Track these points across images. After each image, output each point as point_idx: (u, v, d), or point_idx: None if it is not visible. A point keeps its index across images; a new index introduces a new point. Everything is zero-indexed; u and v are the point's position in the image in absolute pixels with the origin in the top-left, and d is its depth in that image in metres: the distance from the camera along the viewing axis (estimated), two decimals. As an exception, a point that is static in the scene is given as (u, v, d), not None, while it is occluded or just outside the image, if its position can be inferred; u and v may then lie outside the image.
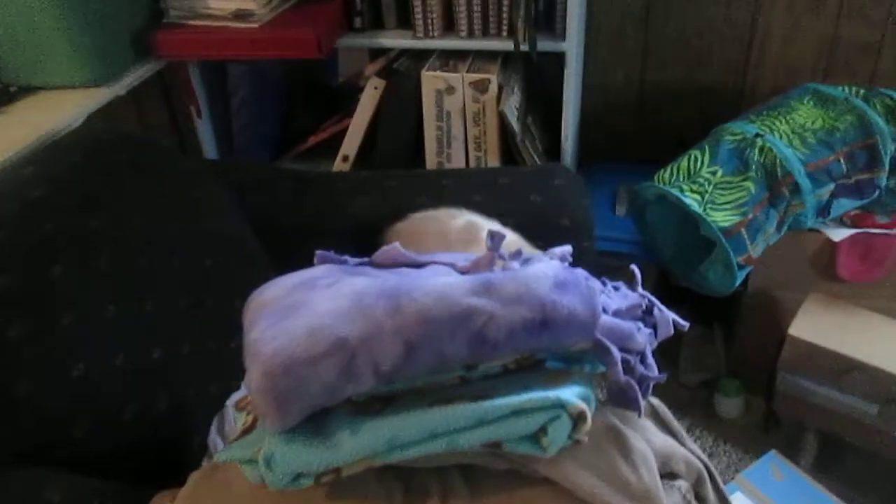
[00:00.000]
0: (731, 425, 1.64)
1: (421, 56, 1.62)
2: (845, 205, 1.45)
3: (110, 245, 1.00)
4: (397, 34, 1.59)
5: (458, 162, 1.64)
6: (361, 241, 1.35)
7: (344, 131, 1.72)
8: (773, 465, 1.37)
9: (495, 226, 1.16)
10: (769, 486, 1.33)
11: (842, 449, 1.48)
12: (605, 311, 0.79)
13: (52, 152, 1.09)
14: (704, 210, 1.37)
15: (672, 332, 0.94)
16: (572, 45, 1.50)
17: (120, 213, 1.05)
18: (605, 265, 1.56)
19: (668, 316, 0.92)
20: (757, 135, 1.42)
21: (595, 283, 0.85)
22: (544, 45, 1.51)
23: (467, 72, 1.54)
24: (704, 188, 1.39)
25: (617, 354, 0.75)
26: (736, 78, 1.79)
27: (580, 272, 0.78)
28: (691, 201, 1.38)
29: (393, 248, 0.90)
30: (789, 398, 1.43)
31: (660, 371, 0.82)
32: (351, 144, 1.72)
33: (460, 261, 0.89)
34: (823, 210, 1.43)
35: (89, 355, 0.91)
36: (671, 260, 1.60)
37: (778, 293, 1.54)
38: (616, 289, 0.92)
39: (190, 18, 1.53)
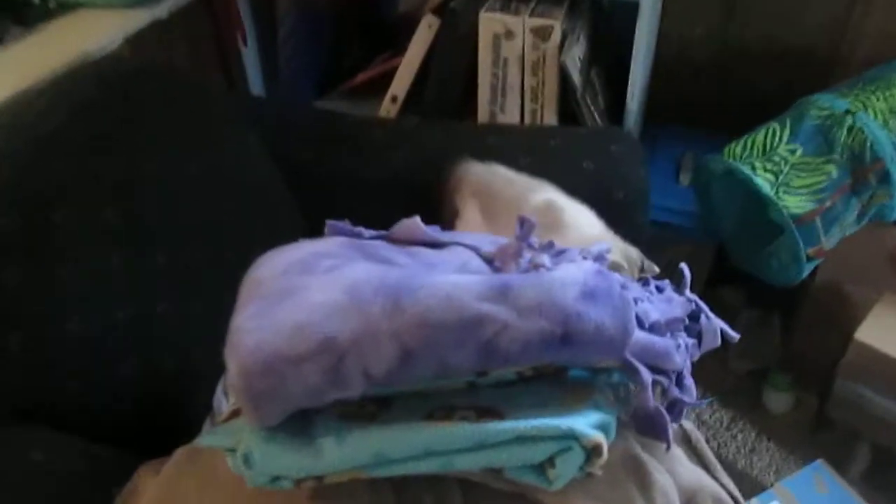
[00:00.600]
0: (777, 421, 1.54)
1: (482, -3, 1.49)
2: (938, 198, 1.29)
3: (121, 189, 0.94)
4: (456, -31, 1.46)
5: (511, 112, 1.53)
6: (395, 195, 1.27)
7: (395, 70, 1.62)
8: (817, 475, 1.27)
9: (579, 208, 1.02)
10: (811, 499, 1.23)
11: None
12: (640, 324, 0.69)
13: (71, 81, 1.03)
14: (776, 193, 1.23)
15: (719, 343, 0.84)
16: (648, -5, 1.35)
17: (134, 155, 0.98)
18: (660, 238, 1.45)
19: (715, 325, 0.82)
20: (847, 111, 1.26)
21: (633, 290, 0.75)
22: (617, -9, 1.36)
23: (529, 16, 1.41)
24: (780, 168, 1.25)
25: (648, 378, 0.66)
26: (830, 42, 1.60)
27: (615, 278, 0.68)
28: (763, 182, 1.24)
29: (413, 223, 0.81)
30: (846, 405, 1.32)
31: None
32: (400, 85, 1.61)
33: (486, 245, 0.80)
34: (913, 202, 1.27)
35: (88, 308, 0.86)
36: (733, 241, 1.47)
37: (848, 288, 1.40)
38: (660, 290, 0.82)
39: (237, -61, 1.43)
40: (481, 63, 1.48)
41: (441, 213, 1.15)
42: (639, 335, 0.66)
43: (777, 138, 1.28)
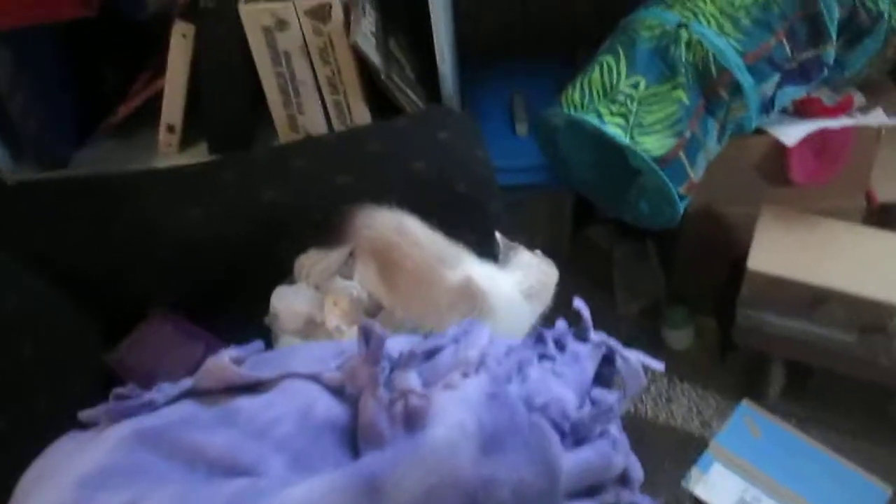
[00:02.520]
0: (683, 358, 1.45)
1: (235, -16, 1.22)
2: (790, 93, 1.19)
3: None
4: (195, -42, 1.18)
5: (312, 111, 1.29)
6: (195, 263, 1.02)
7: (161, 92, 1.33)
8: (747, 419, 1.18)
9: (503, 282, 0.86)
10: (749, 448, 1.14)
11: (810, 371, 1.30)
12: (559, 428, 0.51)
13: None
14: (631, 137, 1.09)
15: (644, 382, 0.69)
16: (431, -62, 1.14)
17: None
18: (512, 201, 1.28)
19: (635, 365, 0.66)
20: (680, 25, 1.12)
21: (532, 367, 0.57)
22: (395, -57, 1.14)
23: (299, -4, 1.16)
24: (627, 107, 1.10)
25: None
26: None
27: (513, 395, 0.49)
28: (614, 129, 1.09)
29: (220, 364, 0.59)
30: (753, 332, 1.23)
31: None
32: (172, 111, 1.33)
33: (328, 362, 0.59)
34: (767, 106, 1.17)
35: None
36: (592, 189, 1.33)
37: (721, 207, 1.30)
38: (560, 346, 0.64)
39: None
40: (259, 64, 1.23)
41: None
42: (567, 462, 0.48)
43: (615, 74, 1.12)
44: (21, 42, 1.25)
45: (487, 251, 1.13)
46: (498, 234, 0.95)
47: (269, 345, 0.95)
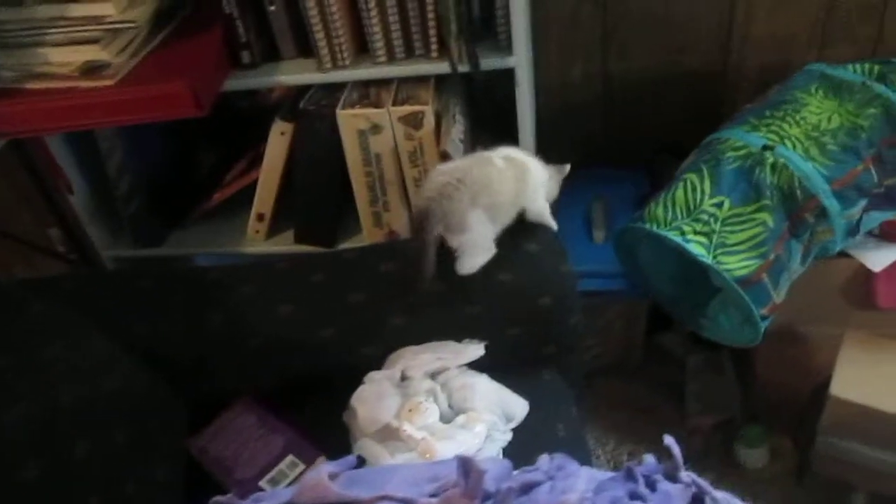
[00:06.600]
0: (758, 477, 1.40)
1: (334, 87, 1.29)
2: (876, 218, 1.18)
3: None
4: (298, 66, 1.25)
5: (396, 209, 1.34)
6: (282, 361, 1.06)
7: (255, 182, 1.40)
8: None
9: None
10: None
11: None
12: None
13: None
14: (714, 256, 1.09)
15: (735, 525, 0.67)
16: (522, 58, 1.19)
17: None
18: (588, 307, 1.28)
19: (725, 507, 0.65)
20: (765, 147, 1.13)
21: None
22: (488, 61, 1.19)
23: (394, 104, 1.22)
24: (710, 227, 1.11)
25: None
26: (717, 58, 1.49)
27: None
28: (697, 248, 1.10)
29: (319, 480, 0.60)
30: (834, 460, 1.19)
31: None
32: (265, 201, 1.39)
33: (423, 491, 0.60)
34: (853, 230, 1.16)
35: None
36: (672, 303, 1.33)
37: (803, 327, 1.28)
38: (650, 483, 0.64)
39: (27, 80, 1.17)
40: (351, 163, 1.29)
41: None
42: None
43: (699, 192, 1.14)
44: (133, 133, 1.34)
45: (566, 361, 1.14)
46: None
47: (347, 442, 0.98)
